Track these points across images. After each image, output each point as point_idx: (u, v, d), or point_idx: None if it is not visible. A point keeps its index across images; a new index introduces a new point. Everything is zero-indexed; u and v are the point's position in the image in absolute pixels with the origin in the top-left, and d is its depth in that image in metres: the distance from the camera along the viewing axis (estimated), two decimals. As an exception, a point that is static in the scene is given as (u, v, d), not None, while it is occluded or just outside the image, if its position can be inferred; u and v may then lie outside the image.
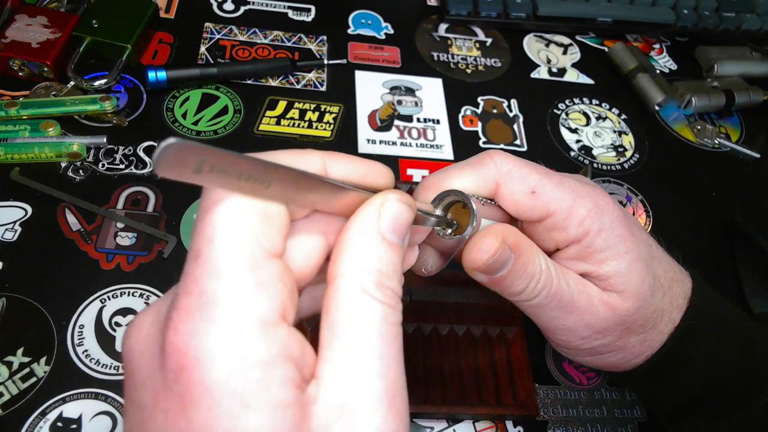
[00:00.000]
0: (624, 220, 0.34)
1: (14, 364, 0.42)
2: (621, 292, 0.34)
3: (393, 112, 0.64)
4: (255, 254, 0.21)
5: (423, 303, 0.49)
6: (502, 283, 0.32)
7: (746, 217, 0.61)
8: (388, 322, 0.23)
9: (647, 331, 0.36)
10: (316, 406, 0.21)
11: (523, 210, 0.33)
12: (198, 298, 0.20)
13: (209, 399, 0.20)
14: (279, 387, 0.20)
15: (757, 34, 0.82)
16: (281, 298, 0.21)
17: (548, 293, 0.32)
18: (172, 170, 0.18)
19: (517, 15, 0.75)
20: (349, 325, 0.23)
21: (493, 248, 0.30)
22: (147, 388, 0.21)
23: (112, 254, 0.48)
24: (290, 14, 0.71)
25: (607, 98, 0.72)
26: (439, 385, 0.45)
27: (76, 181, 0.52)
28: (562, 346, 0.37)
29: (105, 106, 0.55)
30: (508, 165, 0.32)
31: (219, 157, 0.19)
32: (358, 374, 0.22)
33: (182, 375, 0.20)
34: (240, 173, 0.20)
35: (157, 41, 0.64)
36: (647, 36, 0.81)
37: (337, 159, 0.25)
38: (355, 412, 0.21)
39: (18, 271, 0.46)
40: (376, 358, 0.22)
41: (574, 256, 0.34)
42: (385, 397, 0.22)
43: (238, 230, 0.21)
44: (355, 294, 0.23)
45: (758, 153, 0.70)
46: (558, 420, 0.47)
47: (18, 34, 0.56)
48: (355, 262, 0.24)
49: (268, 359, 0.20)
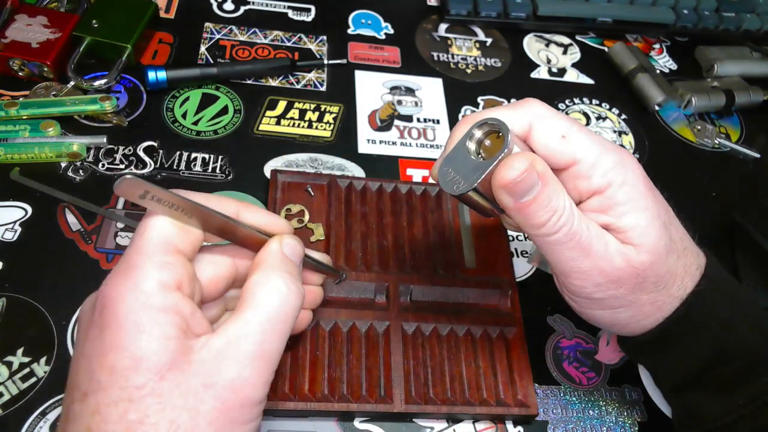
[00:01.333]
0: (646, 181, 0.36)
1: (14, 364, 0.42)
2: (638, 245, 0.34)
3: (393, 112, 0.64)
4: (167, 247, 0.30)
5: (423, 303, 0.49)
6: (527, 210, 0.33)
7: (746, 217, 0.61)
8: (284, 303, 0.32)
9: (659, 290, 0.36)
10: (203, 349, 0.29)
11: (552, 153, 0.34)
12: (124, 265, 0.30)
13: (117, 325, 0.28)
14: (166, 325, 0.28)
15: (757, 34, 0.82)
16: (179, 275, 0.30)
17: (569, 230, 0.33)
18: (125, 194, 0.29)
19: (517, 15, 0.75)
20: (250, 302, 0.31)
21: (524, 167, 0.31)
22: (83, 328, 0.30)
23: (112, 254, 0.48)
24: (290, 14, 0.71)
25: (607, 98, 0.72)
26: (440, 385, 0.45)
27: (76, 181, 0.52)
28: (575, 292, 0.37)
29: (105, 106, 0.55)
30: (543, 110, 0.35)
31: (158, 192, 0.29)
32: (240, 336, 0.30)
33: (103, 311, 0.29)
34: (171, 204, 0.30)
35: (157, 41, 0.64)
36: (647, 36, 0.81)
37: (248, 208, 0.35)
38: (226, 357, 0.29)
39: (18, 271, 0.46)
40: (258, 330, 0.30)
41: (596, 208, 0.35)
42: (252, 355, 0.30)
43: (160, 231, 0.31)
44: (261, 283, 0.32)
45: (758, 153, 0.70)
46: (558, 420, 0.47)
47: (18, 34, 0.56)
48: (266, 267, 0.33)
49: (162, 307, 0.29)
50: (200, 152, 0.56)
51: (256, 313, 0.31)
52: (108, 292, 0.29)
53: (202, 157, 0.56)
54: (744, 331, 0.38)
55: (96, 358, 0.28)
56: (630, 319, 0.38)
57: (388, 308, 0.47)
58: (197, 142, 0.57)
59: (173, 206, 0.30)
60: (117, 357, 0.28)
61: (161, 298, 0.29)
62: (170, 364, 0.28)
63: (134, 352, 0.28)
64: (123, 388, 0.27)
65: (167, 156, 0.55)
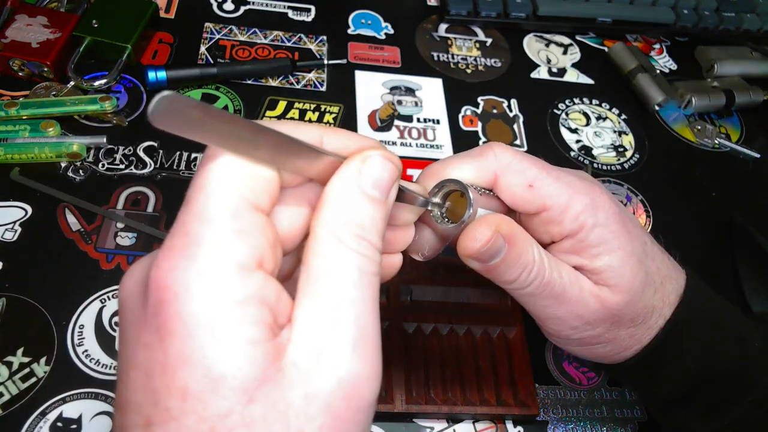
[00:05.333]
0: (619, 217, 0.35)
1: (14, 364, 0.42)
2: (612, 286, 0.34)
3: (393, 112, 0.64)
4: (239, 205, 0.22)
5: (423, 303, 0.49)
6: (495, 271, 0.33)
7: (746, 217, 0.61)
8: (363, 272, 0.24)
9: (637, 325, 0.36)
10: (289, 346, 0.22)
11: (520, 202, 0.34)
12: (182, 239, 0.22)
13: (184, 331, 0.21)
14: (251, 325, 0.21)
15: (757, 34, 0.82)
16: (260, 247, 0.22)
17: (540, 282, 0.33)
18: (165, 122, 0.19)
19: (517, 15, 0.75)
20: (324, 273, 0.24)
21: (486, 237, 0.31)
22: (132, 325, 0.23)
23: (112, 254, 0.48)
24: (290, 14, 0.71)
25: (607, 98, 0.72)
26: (440, 385, 0.45)
27: (76, 181, 0.52)
28: (553, 334, 0.38)
29: (105, 106, 0.55)
30: (508, 157, 0.33)
31: (211, 115, 0.20)
32: (329, 318, 0.23)
33: (161, 308, 0.21)
34: (230, 132, 0.21)
35: (157, 41, 0.64)
36: (647, 36, 0.81)
37: (333, 132, 0.27)
38: (323, 352, 0.22)
39: (18, 271, 0.46)
40: (347, 305, 0.23)
41: (568, 250, 0.34)
42: (353, 340, 0.23)
43: (227, 183, 0.22)
44: (331, 243, 0.24)
45: (758, 153, 0.70)
46: (558, 420, 0.47)
47: (18, 34, 0.56)
48: (334, 214, 0.25)
49: (242, 299, 0.21)
50: (200, 152, 0.56)
51: (338, 283, 0.23)
52: (164, 280, 0.21)
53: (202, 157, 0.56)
54: (726, 351, 0.38)
55: (159, 375, 0.21)
56: (610, 352, 0.38)
57: (389, 308, 0.47)
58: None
59: (232, 135, 0.22)
60: (189, 376, 0.21)
61: (240, 285, 0.21)
62: (260, 378, 0.21)
63: (212, 369, 0.21)
64: (202, 418, 0.21)
65: (167, 156, 0.55)
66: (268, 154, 0.23)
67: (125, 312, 0.23)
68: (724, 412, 0.37)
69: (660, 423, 0.43)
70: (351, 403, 0.22)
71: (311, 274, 0.24)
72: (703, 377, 0.37)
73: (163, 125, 0.19)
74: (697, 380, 0.37)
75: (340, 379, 0.22)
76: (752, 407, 0.37)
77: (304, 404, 0.21)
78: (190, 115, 0.20)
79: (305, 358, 0.22)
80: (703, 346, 0.37)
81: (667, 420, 0.41)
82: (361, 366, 0.23)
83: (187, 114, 0.20)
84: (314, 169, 0.25)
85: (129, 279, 0.24)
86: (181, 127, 0.20)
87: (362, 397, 0.23)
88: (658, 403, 0.41)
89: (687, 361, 0.37)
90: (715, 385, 0.37)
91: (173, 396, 0.21)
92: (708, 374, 0.37)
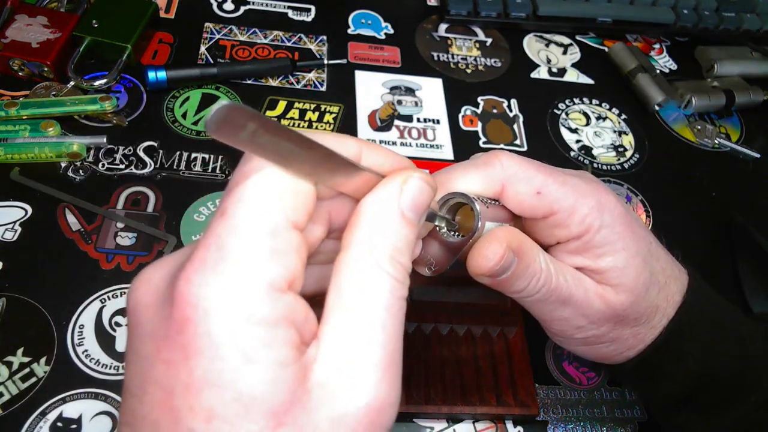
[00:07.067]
0: (625, 218, 0.35)
1: (14, 364, 0.42)
2: (616, 286, 0.34)
3: (393, 112, 0.64)
4: (278, 222, 0.22)
5: (423, 303, 0.49)
6: (505, 284, 0.33)
7: (746, 217, 0.61)
8: (395, 296, 0.24)
9: (640, 325, 0.36)
10: (315, 365, 0.22)
11: (528, 210, 0.34)
12: (215, 252, 0.21)
13: (212, 351, 0.20)
14: (281, 347, 0.21)
15: (757, 34, 0.82)
16: (293, 268, 0.22)
17: (548, 289, 0.33)
18: (222, 132, 0.19)
19: (517, 15, 0.75)
20: (357, 294, 0.23)
21: (498, 256, 0.31)
22: (150, 338, 0.22)
23: (112, 254, 0.48)
24: (290, 14, 0.71)
25: (607, 98, 0.72)
26: (440, 385, 0.45)
27: (76, 181, 0.52)
28: (557, 334, 0.38)
29: (105, 106, 0.55)
30: (514, 166, 0.33)
31: (265, 126, 0.20)
32: (359, 340, 0.22)
33: (187, 326, 0.20)
34: (279, 144, 0.21)
35: (157, 41, 0.64)
36: (647, 36, 0.81)
37: (372, 149, 0.26)
38: (350, 375, 0.22)
39: (18, 271, 0.46)
40: (378, 328, 0.23)
41: (573, 251, 0.35)
42: (382, 365, 0.23)
43: (268, 197, 0.22)
44: (367, 264, 0.24)
45: (758, 153, 0.70)
46: (558, 420, 0.47)
47: (18, 34, 0.56)
48: (372, 234, 0.24)
49: (272, 320, 0.21)
50: (200, 152, 0.56)
51: (371, 305, 0.23)
52: (193, 296, 0.20)
53: (202, 157, 0.56)
54: (727, 352, 0.38)
55: (182, 394, 0.20)
56: (613, 352, 0.38)
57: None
58: (197, 142, 0.57)
59: (281, 147, 0.21)
60: (217, 399, 0.20)
61: (272, 307, 0.21)
62: (289, 401, 0.21)
63: (243, 392, 0.20)
64: None
65: (167, 156, 0.55)
66: (311, 168, 0.23)
67: (140, 323, 0.22)
68: (725, 413, 0.38)
69: (661, 424, 0.43)
70: (374, 428, 0.22)
71: (342, 293, 0.23)
72: (704, 378, 0.37)
73: (220, 135, 0.19)
74: (698, 381, 0.38)
75: (368, 405, 0.22)
76: (753, 408, 0.37)
77: (330, 428, 0.21)
78: (246, 126, 0.19)
79: (332, 379, 0.22)
80: (704, 346, 0.37)
81: (668, 421, 0.41)
82: (387, 392, 0.22)
83: (244, 125, 0.19)
84: (351, 185, 0.25)
85: (144, 285, 0.23)
86: (236, 138, 0.19)
87: (384, 425, 0.22)
88: (659, 404, 0.41)
89: (688, 361, 0.37)
90: (716, 386, 0.38)
91: (197, 417, 0.20)
92: (709, 375, 0.37)
